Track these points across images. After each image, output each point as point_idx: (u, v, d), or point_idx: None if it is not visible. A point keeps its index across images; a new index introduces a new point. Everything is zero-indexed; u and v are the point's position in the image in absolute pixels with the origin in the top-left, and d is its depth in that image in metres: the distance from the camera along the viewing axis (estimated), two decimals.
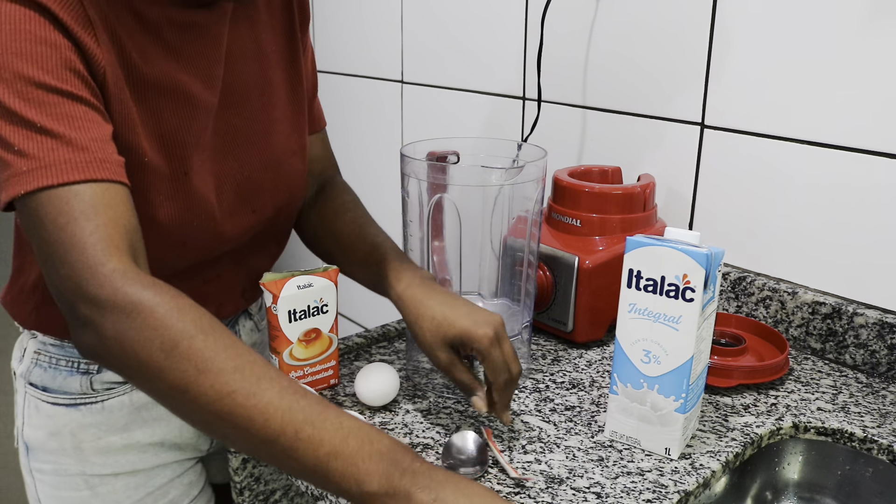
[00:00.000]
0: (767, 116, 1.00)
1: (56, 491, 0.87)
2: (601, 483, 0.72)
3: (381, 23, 1.59)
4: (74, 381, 0.84)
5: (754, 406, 0.87)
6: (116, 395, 0.85)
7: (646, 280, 0.73)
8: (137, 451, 0.88)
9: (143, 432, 0.88)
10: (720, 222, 1.08)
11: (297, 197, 0.88)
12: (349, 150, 1.79)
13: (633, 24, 1.13)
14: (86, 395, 0.84)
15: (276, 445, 0.54)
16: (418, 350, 0.93)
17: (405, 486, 0.53)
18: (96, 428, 0.85)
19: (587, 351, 1.00)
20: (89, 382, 0.84)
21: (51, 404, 0.84)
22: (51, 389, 0.84)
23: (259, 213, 0.83)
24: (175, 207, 0.71)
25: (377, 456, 0.54)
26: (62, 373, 0.84)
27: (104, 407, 0.85)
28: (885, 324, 0.92)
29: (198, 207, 0.74)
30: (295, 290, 0.83)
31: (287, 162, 0.85)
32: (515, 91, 1.34)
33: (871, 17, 0.90)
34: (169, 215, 0.71)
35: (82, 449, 0.85)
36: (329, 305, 0.85)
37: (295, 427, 0.54)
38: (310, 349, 0.85)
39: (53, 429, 0.85)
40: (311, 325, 0.84)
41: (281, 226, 0.90)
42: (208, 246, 0.79)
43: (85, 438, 0.85)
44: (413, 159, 0.85)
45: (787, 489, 0.85)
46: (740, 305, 1.05)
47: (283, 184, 0.84)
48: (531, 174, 0.85)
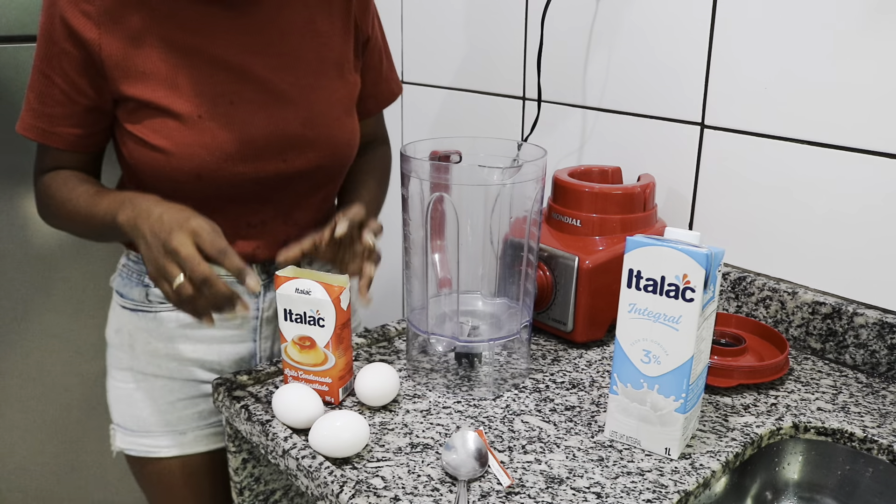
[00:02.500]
0: (767, 116, 1.00)
1: (115, 382, 1.03)
2: (601, 483, 0.72)
3: (382, 23, 1.59)
4: (137, 290, 0.99)
5: (754, 406, 0.87)
6: (166, 309, 0.97)
7: (646, 280, 0.73)
8: (178, 361, 0.99)
9: (185, 347, 0.99)
10: (720, 222, 1.08)
11: (339, 158, 0.97)
12: None
13: (633, 23, 1.13)
14: (143, 304, 0.98)
15: (85, 224, 0.89)
16: (418, 350, 0.93)
17: (133, 211, 0.83)
18: (147, 333, 0.99)
19: (587, 351, 1.00)
20: (146, 294, 0.98)
21: (121, 307, 1.01)
22: (123, 294, 1.00)
23: (289, 164, 0.92)
24: (184, 143, 0.86)
25: (121, 202, 0.85)
26: (132, 281, 0.99)
27: (156, 317, 0.98)
28: (885, 324, 0.92)
29: (211, 145, 0.87)
30: (292, 291, 0.83)
31: (329, 126, 0.94)
32: (515, 91, 1.34)
33: (870, 17, 0.90)
34: (178, 147, 0.87)
35: (134, 347, 1.00)
36: (326, 322, 0.82)
37: (90, 209, 0.88)
38: (303, 355, 0.84)
39: (118, 326, 1.01)
40: (305, 332, 0.83)
41: (323, 183, 0.98)
42: (227, 182, 0.89)
43: (138, 339, 0.99)
44: (414, 159, 0.85)
45: (787, 489, 0.85)
46: (740, 305, 1.05)
47: (323, 143, 0.94)
48: (531, 174, 0.85)
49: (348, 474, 0.73)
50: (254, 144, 0.89)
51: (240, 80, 0.89)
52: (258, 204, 0.94)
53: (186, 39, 0.87)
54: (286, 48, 0.92)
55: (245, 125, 0.88)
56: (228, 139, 0.87)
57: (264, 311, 1.01)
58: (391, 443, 0.79)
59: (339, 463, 0.75)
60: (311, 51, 0.94)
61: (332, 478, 0.72)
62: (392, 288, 1.71)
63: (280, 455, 0.78)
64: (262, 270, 0.99)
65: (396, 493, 0.70)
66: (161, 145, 0.86)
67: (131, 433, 1.02)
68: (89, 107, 0.88)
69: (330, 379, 0.85)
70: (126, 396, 1.02)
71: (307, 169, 0.94)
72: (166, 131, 0.86)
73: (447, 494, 0.70)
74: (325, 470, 0.73)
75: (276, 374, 0.92)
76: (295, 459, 0.75)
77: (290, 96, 0.91)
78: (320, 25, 0.95)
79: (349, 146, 0.98)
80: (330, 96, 0.95)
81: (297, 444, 0.77)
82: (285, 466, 0.78)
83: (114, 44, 0.84)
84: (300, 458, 0.75)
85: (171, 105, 0.86)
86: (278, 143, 0.90)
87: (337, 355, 0.83)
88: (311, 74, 0.93)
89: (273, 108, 0.90)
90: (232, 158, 0.88)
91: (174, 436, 1.01)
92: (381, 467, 0.74)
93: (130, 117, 0.88)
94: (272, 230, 0.97)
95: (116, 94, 0.87)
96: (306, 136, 0.92)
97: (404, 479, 0.73)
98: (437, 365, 0.91)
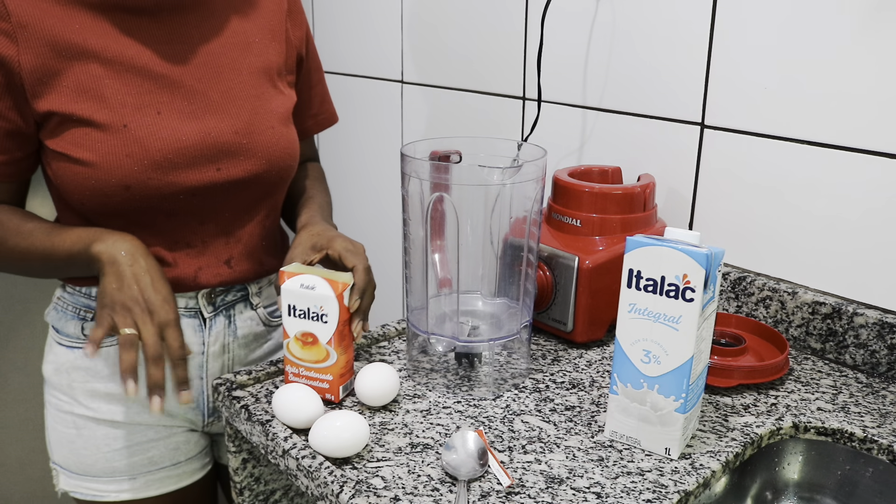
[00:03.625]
0: (767, 116, 1.00)
1: (55, 424, 0.99)
2: (601, 483, 0.72)
3: (381, 23, 1.59)
4: (72, 325, 0.95)
5: (754, 406, 0.87)
6: (104, 345, 0.94)
7: (646, 280, 0.73)
8: (121, 402, 0.96)
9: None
10: (720, 222, 1.08)
11: (277, 168, 0.95)
12: (349, 149, 1.79)
13: (632, 24, 1.13)
14: (80, 340, 0.95)
15: (43, 259, 0.86)
16: (418, 350, 0.93)
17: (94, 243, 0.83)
18: (85, 371, 0.95)
19: (587, 351, 1.00)
20: (81, 328, 0.94)
21: (57, 343, 0.97)
22: (59, 330, 0.96)
23: (224, 172, 0.90)
24: (109, 152, 0.84)
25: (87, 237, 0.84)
26: (67, 315, 0.95)
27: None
28: (885, 324, 0.92)
29: (138, 154, 0.84)
30: (297, 286, 0.83)
31: (262, 134, 0.92)
32: (515, 91, 1.34)
33: (870, 16, 0.90)
34: (102, 157, 0.84)
35: (73, 388, 0.96)
36: (329, 318, 0.82)
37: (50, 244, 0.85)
38: (306, 351, 0.84)
39: (57, 365, 0.97)
40: (309, 328, 0.83)
41: (262, 196, 0.96)
42: (158, 193, 0.87)
43: (76, 379, 0.95)
44: (414, 159, 0.85)
45: (787, 489, 0.85)
46: (740, 305, 1.05)
47: (258, 152, 0.92)
48: (531, 174, 0.85)
49: (348, 474, 0.73)
50: (185, 153, 0.87)
51: (167, 89, 0.87)
52: (196, 221, 0.92)
53: (109, 49, 0.84)
54: (214, 57, 0.90)
55: (174, 133, 0.86)
56: (156, 148, 0.85)
57: (210, 345, 0.98)
58: (391, 443, 0.79)
59: (339, 463, 0.75)
60: (241, 60, 0.92)
61: (332, 478, 0.72)
62: (392, 288, 1.71)
63: (280, 455, 0.78)
64: (207, 301, 0.96)
65: (396, 493, 0.70)
66: (84, 158, 0.84)
67: (76, 476, 0.98)
68: (10, 131, 0.84)
69: (331, 376, 0.85)
70: (68, 442, 0.97)
71: (243, 178, 0.91)
72: (89, 143, 0.83)
73: (447, 494, 0.70)
74: (325, 470, 0.73)
75: (276, 374, 0.92)
76: (295, 459, 0.75)
77: (220, 105, 0.90)
78: (250, 36, 0.94)
79: (287, 156, 0.96)
80: (263, 105, 0.93)
81: (297, 444, 0.77)
82: (285, 466, 0.78)
83: (33, 59, 0.81)
84: (300, 458, 0.75)
85: (94, 116, 0.83)
86: (210, 151, 0.88)
87: (339, 352, 0.83)
88: (241, 84, 0.92)
89: (204, 117, 0.88)
90: (161, 167, 0.85)
91: (124, 481, 0.98)
92: (381, 467, 0.75)
93: (52, 134, 0.85)
94: (214, 250, 0.94)
95: (38, 114, 0.84)
96: (240, 143, 0.90)
97: (404, 479, 0.73)
98: (437, 365, 0.91)
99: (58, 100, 0.83)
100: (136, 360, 0.78)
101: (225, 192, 0.91)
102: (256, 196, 0.95)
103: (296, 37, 1.00)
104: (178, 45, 0.88)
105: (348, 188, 1.80)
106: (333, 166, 1.84)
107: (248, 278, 0.99)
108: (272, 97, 0.95)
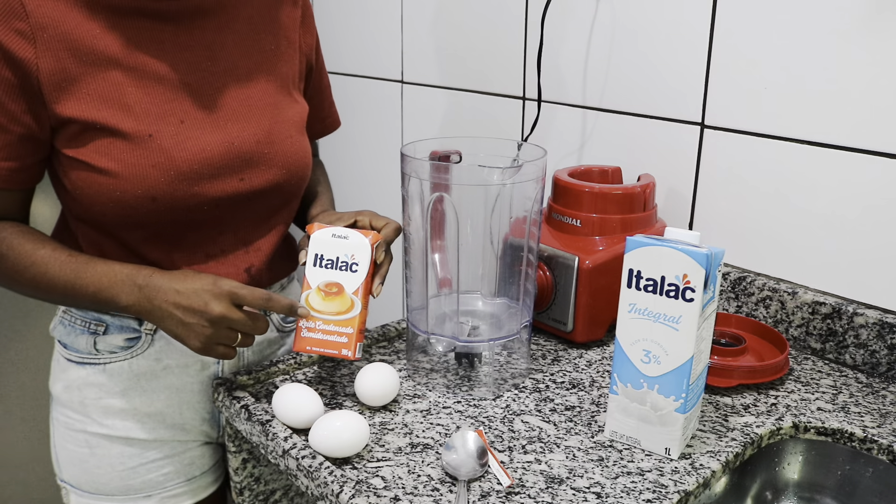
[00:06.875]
0: (767, 116, 1.00)
1: (64, 442, 0.96)
2: (601, 483, 0.72)
3: (381, 23, 1.59)
4: (83, 340, 0.92)
5: (754, 406, 0.87)
6: (117, 360, 0.91)
7: (646, 280, 0.73)
8: (135, 419, 0.93)
9: (141, 401, 0.93)
10: (720, 222, 1.08)
11: (296, 176, 0.94)
12: (349, 149, 1.79)
13: (632, 24, 1.13)
14: (91, 356, 0.92)
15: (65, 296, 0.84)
16: (418, 350, 0.93)
17: (142, 293, 0.81)
18: (98, 388, 0.92)
19: (587, 351, 1.00)
20: (93, 343, 0.91)
21: (66, 360, 0.94)
22: (67, 345, 0.93)
23: (247, 182, 0.88)
24: (134, 163, 0.82)
25: (120, 282, 0.82)
26: (76, 330, 0.92)
27: (105, 369, 0.92)
28: (885, 324, 0.92)
29: (165, 165, 0.82)
30: (329, 236, 0.83)
31: (283, 143, 0.92)
32: (515, 91, 1.34)
33: (870, 17, 0.90)
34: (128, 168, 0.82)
35: (86, 405, 0.93)
36: (360, 266, 0.83)
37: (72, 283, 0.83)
38: (327, 303, 0.83)
39: (67, 383, 0.94)
40: (335, 278, 0.83)
41: (280, 204, 0.95)
42: (183, 205, 0.85)
43: (88, 396, 0.92)
44: (414, 159, 0.85)
45: (787, 489, 0.85)
46: (740, 305, 1.05)
47: (280, 161, 0.91)
48: (531, 174, 0.85)
49: (348, 474, 0.73)
50: (210, 163, 0.85)
51: (188, 97, 0.85)
52: (216, 231, 0.90)
53: (130, 56, 0.81)
54: (233, 65, 0.89)
55: (199, 143, 0.84)
56: (182, 158, 0.83)
57: None
58: (391, 443, 0.79)
59: (339, 463, 0.75)
60: (259, 69, 0.91)
61: (332, 478, 0.72)
62: (392, 288, 1.71)
63: (280, 455, 0.78)
64: None
65: (396, 493, 0.70)
66: (109, 168, 0.81)
67: (89, 495, 0.96)
68: (24, 135, 0.80)
69: (351, 329, 0.83)
70: (80, 461, 0.95)
71: (265, 188, 0.90)
72: (114, 153, 0.81)
73: (447, 494, 0.70)
74: (325, 470, 0.73)
75: (276, 374, 0.92)
76: (295, 459, 0.75)
77: (241, 114, 0.88)
78: (267, 44, 0.93)
79: (305, 165, 0.95)
80: (281, 114, 0.92)
81: (297, 444, 0.77)
82: (285, 466, 0.78)
83: (52, 62, 0.78)
84: (300, 458, 0.75)
85: (119, 124, 0.80)
86: (234, 162, 0.87)
87: (363, 304, 0.84)
88: (260, 92, 0.90)
89: (226, 126, 0.87)
90: (187, 178, 0.83)
91: (139, 500, 0.95)
92: (381, 467, 0.75)
93: (72, 142, 0.81)
94: (233, 260, 0.92)
95: (56, 119, 0.80)
96: (262, 152, 0.89)
97: (404, 479, 0.73)
98: (437, 365, 0.91)
99: (79, 106, 0.80)
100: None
101: (246, 202, 0.90)
102: (276, 205, 0.94)
103: (307, 45, 0.99)
104: (198, 52, 0.86)
105: (348, 188, 1.80)
106: (333, 166, 1.84)
107: (263, 285, 0.98)
108: (289, 106, 0.94)
